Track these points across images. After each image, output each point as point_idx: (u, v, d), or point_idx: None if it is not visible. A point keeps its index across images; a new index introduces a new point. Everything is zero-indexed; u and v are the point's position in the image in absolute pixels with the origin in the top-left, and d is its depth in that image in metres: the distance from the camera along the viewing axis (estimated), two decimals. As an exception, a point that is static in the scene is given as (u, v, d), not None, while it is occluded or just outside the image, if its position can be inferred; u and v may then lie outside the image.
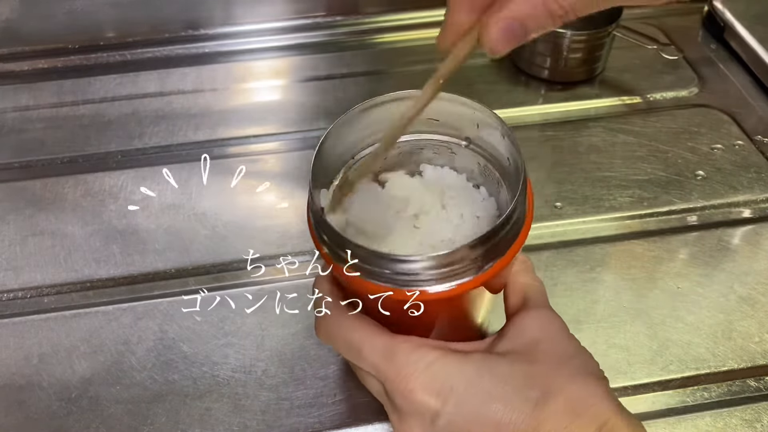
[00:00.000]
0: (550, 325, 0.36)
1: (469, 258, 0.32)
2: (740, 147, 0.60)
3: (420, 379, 0.33)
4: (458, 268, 0.33)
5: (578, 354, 0.35)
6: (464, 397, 0.32)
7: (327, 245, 0.35)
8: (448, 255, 0.32)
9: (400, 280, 0.33)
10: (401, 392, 0.33)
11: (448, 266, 0.32)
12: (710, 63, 0.69)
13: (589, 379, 0.33)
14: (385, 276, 0.33)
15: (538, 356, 0.34)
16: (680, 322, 0.48)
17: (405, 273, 0.32)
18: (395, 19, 0.73)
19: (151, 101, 0.65)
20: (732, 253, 0.52)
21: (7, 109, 0.65)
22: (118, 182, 0.58)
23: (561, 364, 0.34)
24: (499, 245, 0.33)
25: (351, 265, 0.33)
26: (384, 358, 0.34)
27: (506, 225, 0.33)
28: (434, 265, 0.32)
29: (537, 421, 0.31)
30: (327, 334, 0.37)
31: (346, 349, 0.36)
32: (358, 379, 0.38)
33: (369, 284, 0.33)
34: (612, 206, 0.55)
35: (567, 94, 0.65)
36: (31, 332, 0.48)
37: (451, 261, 0.32)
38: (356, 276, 0.33)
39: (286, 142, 0.62)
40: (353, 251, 0.33)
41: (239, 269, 0.51)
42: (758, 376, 0.45)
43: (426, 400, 0.33)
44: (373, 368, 0.34)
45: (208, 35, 0.71)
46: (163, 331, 0.47)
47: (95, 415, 0.43)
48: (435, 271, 0.32)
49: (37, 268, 0.51)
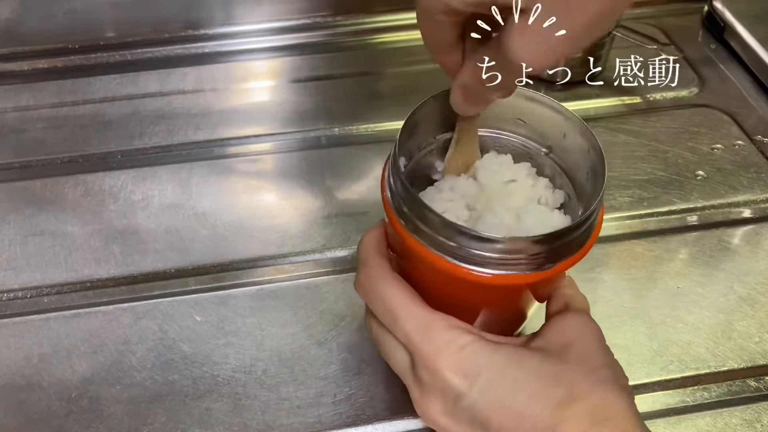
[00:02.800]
0: (586, 330, 0.36)
1: (539, 250, 0.32)
2: (740, 147, 0.60)
3: (451, 358, 0.33)
4: (523, 258, 0.32)
5: (610, 365, 0.35)
6: (491, 383, 0.33)
7: (394, 198, 0.34)
8: (519, 240, 0.32)
9: (461, 256, 0.32)
10: (430, 367, 0.33)
11: (515, 253, 0.32)
12: (710, 63, 0.69)
13: (615, 389, 0.33)
14: (446, 248, 0.32)
15: (570, 358, 0.34)
16: (680, 322, 0.48)
17: (468, 248, 0.32)
18: (395, 19, 0.73)
19: (151, 101, 0.65)
20: (732, 253, 0.52)
21: (7, 109, 0.64)
22: (118, 182, 0.58)
23: (591, 370, 0.34)
24: (569, 245, 0.33)
25: (414, 227, 0.33)
26: (419, 330, 0.34)
27: (582, 225, 0.33)
28: (503, 249, 0.32)
29: (557, 419, 0.32)
30: (366, 290, 0.36)
31: (382, 311, 0.35)
32: (379, 351, 0.38)
33: (427, 252, 0.33)
34: (612, 206, 0.55)
35: (567, 94, 0.65)
36: (31, 332, 0.48)
37: (521, 249, 0.32)
38: (416, 239, 0.33)
39: (286, 142, 0.62)
40: (422, 215, 0.32)
41: (239, 269, 0.51)
42: (758, 376, 0.45)
43: (453, 379, 0.33)
44: (405, 337, 0.34)
45: (208, 35, 0.71)
46: (163, 331, 0.47)
47: (95, 415, 0.43)
48: (501, 255, 0.32)
49: (37, 268, 0.51)
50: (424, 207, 0.32)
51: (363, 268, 0.37)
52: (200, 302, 0.49)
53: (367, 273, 0.36)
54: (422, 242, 0.33)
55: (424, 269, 0.35)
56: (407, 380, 0.36)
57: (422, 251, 0.33)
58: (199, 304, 0.49)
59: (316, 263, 0.52)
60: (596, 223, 0.35)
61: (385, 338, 0.36)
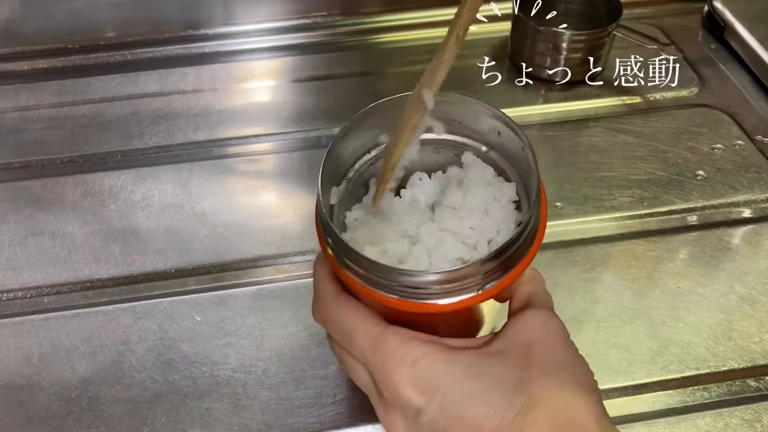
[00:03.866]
0: (548, 327, 0.35)
1: (480, 273, 0.32)
2: (740, 147, 0.60)
3: (406, 373, 0.33)
4: (467, 283, 0.32)
5: (572, 364, 0.34)
6: (448, 397, 0.32)
7: (331, 248, 0.34)
8: (456, 271, 0.31)
9: (406, 292, 0.32)
10: (387, 384, 0.33)
11: (457, 281, 0.32)
12: (710, 63, 0.69)
13: (577, 392, 0.33)
14: (390, 287, 0.32)
15: (531, 361, 0.33)
16: (680, 322, 0.48)
17: (411, 286, 0.32)
18: (395, 19, 0.73)
19: (151, 101, 0.65)
20: (732, 253, 0.52)
21: (7, 109, 0.65)
22: (118, 182, 0.58)
23: (552, 372, 0.33)
24: (510, 259, 0.33)
25: (354, 273, 0.33)
26: (373, 347, 0.34)
27: (518, 240, 0.33)
28: (442, 280, 0.32)
29: (517, 428, 0.31)
30: (322, 315, 0.37)
31: (339, 333, 0.36)
32: (342, 366, 0.38)
33: (372, 293, 0.33)
34: (612, 206, 0.55)
35: (567, 93, 0.65)
36: (31, 332, 0.48)
37: (461, 276, 0.32)
38: (360, 283, 0.33)
39: (286, 142, 0.62)
40: (357, 260, 0.32)
41: (239, 269, 0.51)
42: (758, 376, 0.45)
43: (410, 395, 0.33)
44: (362, 357, 0.34)
45: (208, 35, 0.71)
46: (163, 331, 0.47)
47: (95, 415, 0.43)
48: (443, 285, 0.32)
49: (37, 268, 0.51)
50: (355, 253, 0.32)
51: (316, 296, 0.37)
52: (200, 302, 0.49)
53: (320, 301, 0.37)
54: (365, 284, 0.33)
55: (370, 303, 0.35)
56: (372, 398, 0.36)
57: (364, 291, 0.33)
58: (199, 304, 0.49)
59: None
60: (538, 227, 0.34)
61: (347, 359, 0.36)
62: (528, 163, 0.36)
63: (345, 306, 0.35)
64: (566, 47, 0.63)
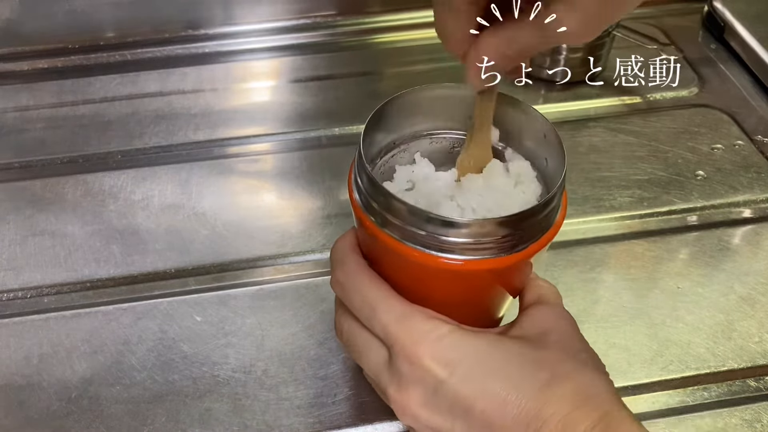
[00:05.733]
0: (561, 320, 0.37)
1: (507, 231, 0.32)
2: (740, 147, 0.60)
3: (432, 346, 0.33)
4: (493, 242, 0.33)
5: (587, 350, 0.36)
6: (472, 370, 0.33)
7: (362, 195, 0.35)
8: (485, 223, 0.32)
9: (431, 244, 0.33)
10: (409, 357, 0.33)
11: (484, 236, 0.32)
12: (710, 63, 0.69)
13: (595, 372, 0.34)
14: (417, 237, 0.33)
15: (549, 345, 0.35)
16: (680, 322, 0.48)
17: (437, 234, 0.32)
18: (395, 19, 0.73)
19: (151, 101, 0.65)
20: (732, 253, 0.52)
21: (7, 109, 0.64)
22: (118, 182, 0.58)
23: (570, 355, 0.34)
24: (538, 226, 0.34)
25: (383, 221, 0.33)
26: (398, 321, 0.34)
27: (547, 207, 0.34)
28: (470, 232, 0.32)
29: (541, 402, 0.32)
30: (344, 285, 0.36)
31: (360, 305, 0.36)
32: (351, 353, 0.38)
33: (397, 243, 0.33)
34: (612, 206, 0.55)
35: (567, 94, 0.65)
36: (31, 332, 0.48)
37: (489, 231, 0.32)
38: (386, 233, 0.33)
39: (286, 142, 0.62)
40: (390, 204, 0.33)
41: (239, 269, 0.51)
42: (758, 376, 0.45)
43: (434, 367, 0.33)
44: (383, 330, 0.34)
45: (208, 35, 0.71)
46: (163, 331, 0.47)
47: (95, 415, 0.43)
48: (470, 239, 0.32)
49: (37, 268, 0.51)
50: (389, 196, 0.33)
51: (339, 265, 0.37)
52: (200, 302, 0.49)
53: (344, 269, 0.37)
54: (392, 235, 0.33)
55: (397, 263, 0.35)
56: (382, 377, 0.35)
57: (392, 243, 0.33)
58: (199, 304, 0.49)
59: (316, 263, 0.52)
60: (562, 204, 0.36)
61: (360, 336, 0.36)
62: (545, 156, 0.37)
63: (371, 277, 0.36)
64: (566, 47, 0.63)
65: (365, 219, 0.35)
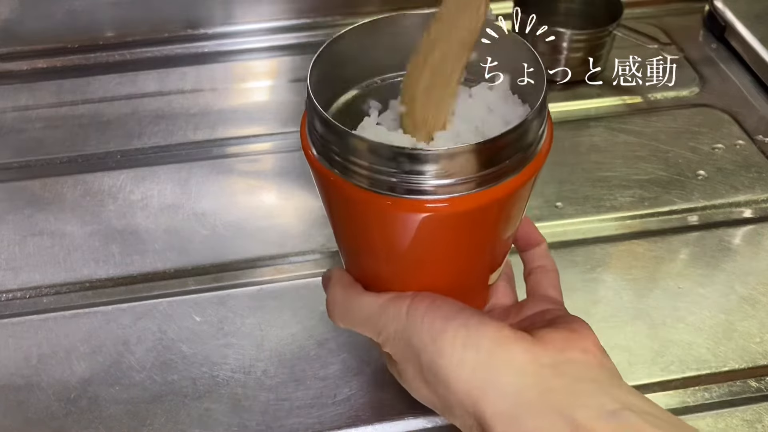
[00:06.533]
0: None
1: (475, 162, 0.28)
2: (741, 147, 0.60)
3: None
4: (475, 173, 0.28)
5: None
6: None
7: (318, 145, 0.30)
8: (466, 148, 0.27)
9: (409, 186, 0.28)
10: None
11: (467, 166, 0.28)
12: (711, 62, 0.69)
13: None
14: (390, 184, 0.28)
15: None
16: (681, 323, 0.48)
17: (414, 173, 0.28)
18: (395, 19, 0.73)
19: (151, 101, 0.65)
20: (733, 253, 0.52)
21: (7, 109, 0.64)
22: (117, 182, 0.57)
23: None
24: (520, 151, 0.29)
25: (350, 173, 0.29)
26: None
27: (534, 121, 0.29)
28: (451, 163, 0.27)
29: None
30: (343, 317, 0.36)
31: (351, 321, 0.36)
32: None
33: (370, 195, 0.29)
34: (613, 206, 0.55)
35: (567, 93, 0.65)
36: (30, 333, 0.47)
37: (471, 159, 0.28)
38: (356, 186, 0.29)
39: (285, 141, 0.62)
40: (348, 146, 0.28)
41: (239, 269, 0.51)
42: (759, 376, 0.45)
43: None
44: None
45: (208, 35, 0.71)
46: (163, 332, 0.47)
47: (94, 416, 0.43)
48: (451, 171, 0.28)
49: (36, 268, 0.51)
50: (351, 136, 0.28)
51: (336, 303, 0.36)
52: (200, 302, 0.49)
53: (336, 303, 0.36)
54: (364, 186, 0.29)
55: (374, 223, 0.31)
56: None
57: (365, 196, 0.29)
58: (199, 304, 0.49)
59: (316, 263, 0.52)
60: (547, 128, 0.32)
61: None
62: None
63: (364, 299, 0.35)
64: (567, 47, 0.63)
65: (328, 174, 0.30)
